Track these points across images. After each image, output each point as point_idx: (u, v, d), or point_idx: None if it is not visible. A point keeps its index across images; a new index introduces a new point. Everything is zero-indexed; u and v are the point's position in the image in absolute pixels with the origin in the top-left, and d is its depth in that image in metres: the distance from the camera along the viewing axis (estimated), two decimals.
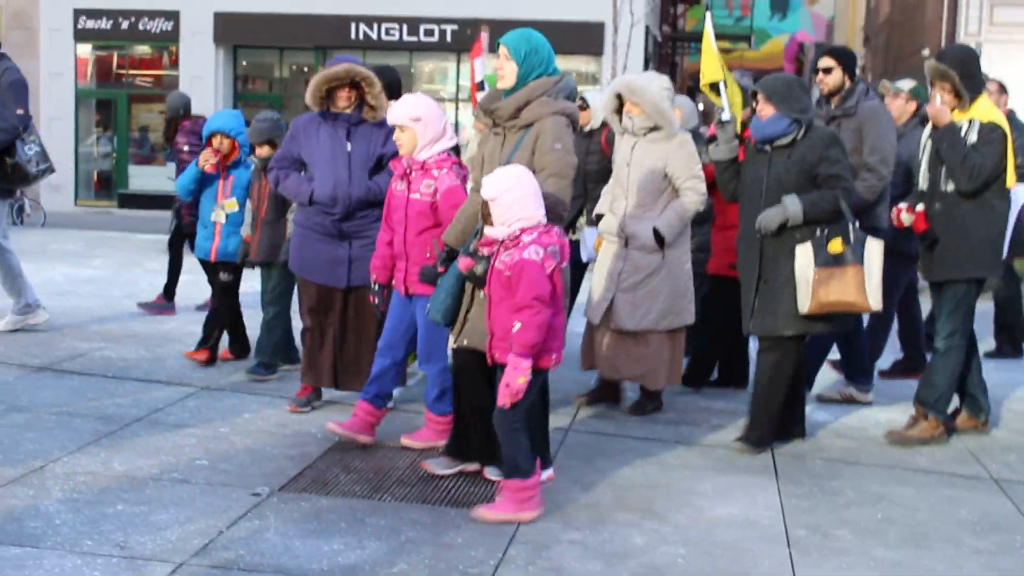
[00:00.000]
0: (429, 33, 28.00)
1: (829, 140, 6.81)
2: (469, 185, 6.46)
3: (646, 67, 27.98)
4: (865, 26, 41.83)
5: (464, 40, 25.45)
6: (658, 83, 7.61)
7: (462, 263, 5.71)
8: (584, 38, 27.10)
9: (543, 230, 5.38)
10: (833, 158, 6.73)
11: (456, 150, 6.69)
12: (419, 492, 5.89)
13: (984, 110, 6.99)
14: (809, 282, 6.64)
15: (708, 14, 8.03)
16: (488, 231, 5.43)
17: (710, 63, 7.51)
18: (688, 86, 36.06)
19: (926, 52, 27.39)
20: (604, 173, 8.07)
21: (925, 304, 8.59)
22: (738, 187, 7.07)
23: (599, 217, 7.70)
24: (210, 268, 8.65)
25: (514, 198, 5.32)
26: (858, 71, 8.18)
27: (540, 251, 5.31)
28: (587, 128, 8.47)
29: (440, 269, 6.05)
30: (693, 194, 7.32)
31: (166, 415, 7.12)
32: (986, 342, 9.54)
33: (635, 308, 7.31)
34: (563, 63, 5.85)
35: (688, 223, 7.44)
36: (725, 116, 7.15)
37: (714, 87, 7.48)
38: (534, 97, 5.82)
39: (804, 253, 6.68)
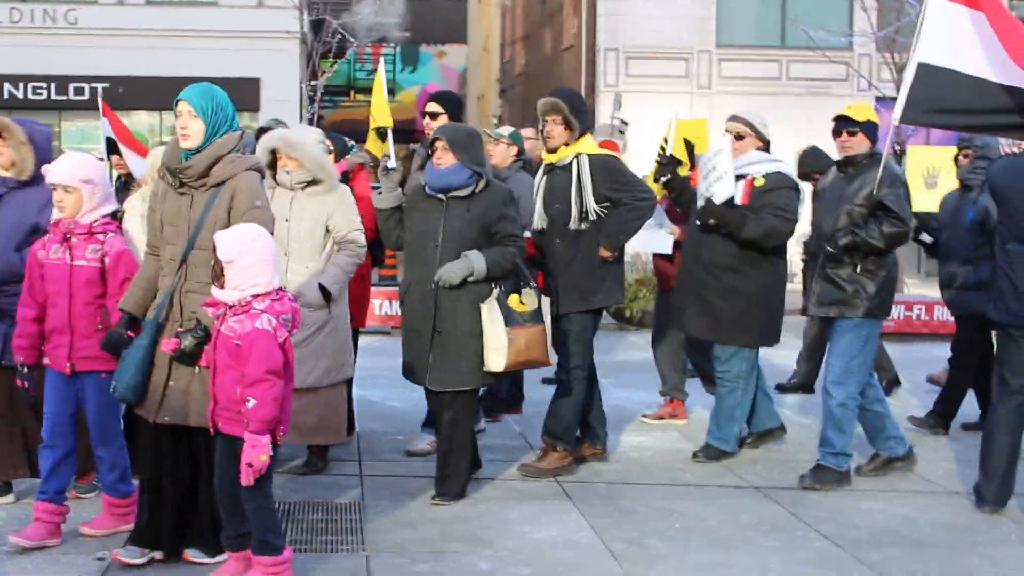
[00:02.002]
0: (79, 92, 27.36)
1: (508, 198, 6.97)
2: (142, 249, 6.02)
3: (300, 120, 28.36)
4: (500, 78, 43.53)
5: (117, 97, 25.05)
6: (314, 136, 7.68)
7: (167, 346, 5.38)
8: (240, 94, 27.18)
9: (275, 297, 5.18)
10: (511, 216, 6.91)
11: (114, 215, 6.14)
12: None
13: (590, 146, 7.54)
14: (504, 342, 6.74)
15: (382, 60, 8.46)
16: (217, 293, 5.16)
17: (380, 109, 7.68)
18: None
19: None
20: None
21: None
22: (402, 235, 7.09)
23: None
24: None
25: (251, 261, 5.10)
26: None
27: (272, 320, 5.11)
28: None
29: (129, 334, 5.65)
30: (355, 247, 7.34)
31: None
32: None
33: (301, 365, 6.86)
34: None
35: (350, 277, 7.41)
36: (391, 164, 7.24)
37: (381, 133, 7.71)
38: (223, 154, 5.52)
39: (494, 312, 6.77)
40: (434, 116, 7.97)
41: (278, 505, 6.63)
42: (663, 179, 8.31)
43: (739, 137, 7.87)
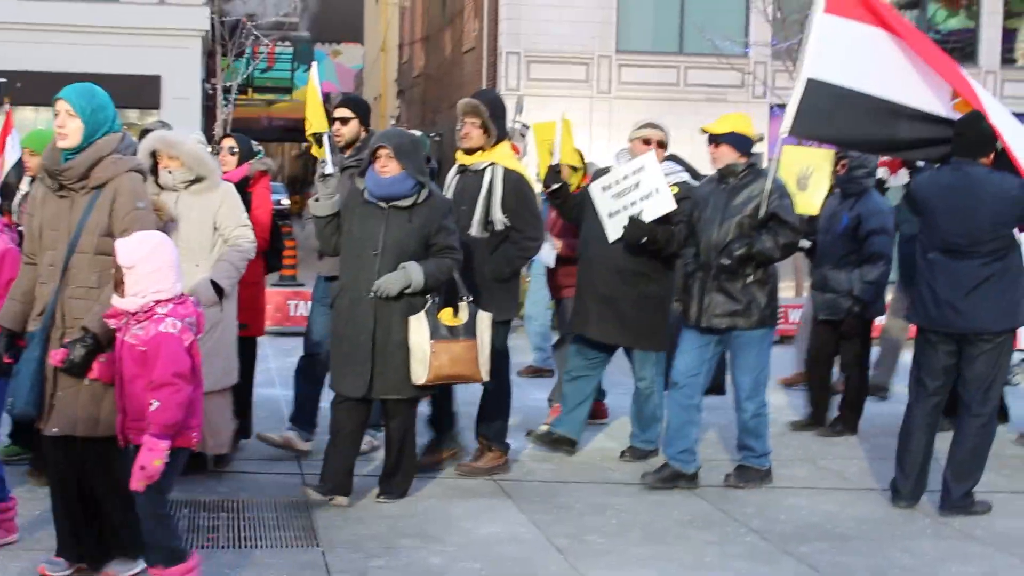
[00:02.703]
0: None
1: (447, 209, 7.00)
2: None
3: (203, 119, 28.26)
4: (399, 79, 43.64)
5: (14, 92, 24.73)
6: (194, 136, 7.63)
7: (55, 357, 5.19)
8: (141, 91, 26.96)
9: (178, 301, 5.11)
10: (450, 228, 6.93)
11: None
12: None
13: (506, 156, 7.61)
14: (427, 354, 6.76)
15: (314, 65, 7.93)
16: (117, 302, 5.06)
17: (316, 114, 7.48)
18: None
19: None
20: None
21: None
22: (340, 241, 7.07)
23: None
24: None
25: (152, 268, 5.02)
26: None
27: (177, 323, 5.03)
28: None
29: (6, 360, 5.49)
30: (244, 242, 7.28)
31: None
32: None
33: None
34: (120, 116, 5.63)
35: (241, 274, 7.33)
36: (328, 169, 7.13)
37: (317, 138, 7.48)
38: (104, 156, 5.39)
39: (420, 324, 6.79)
40: (344, 121, 7.92)
41: (225, 503, 6.88)
42: (554, 187, 8.25)
43: (661, 145, 8.02)
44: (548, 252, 9.07)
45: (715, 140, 7.53)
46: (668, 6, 29.00)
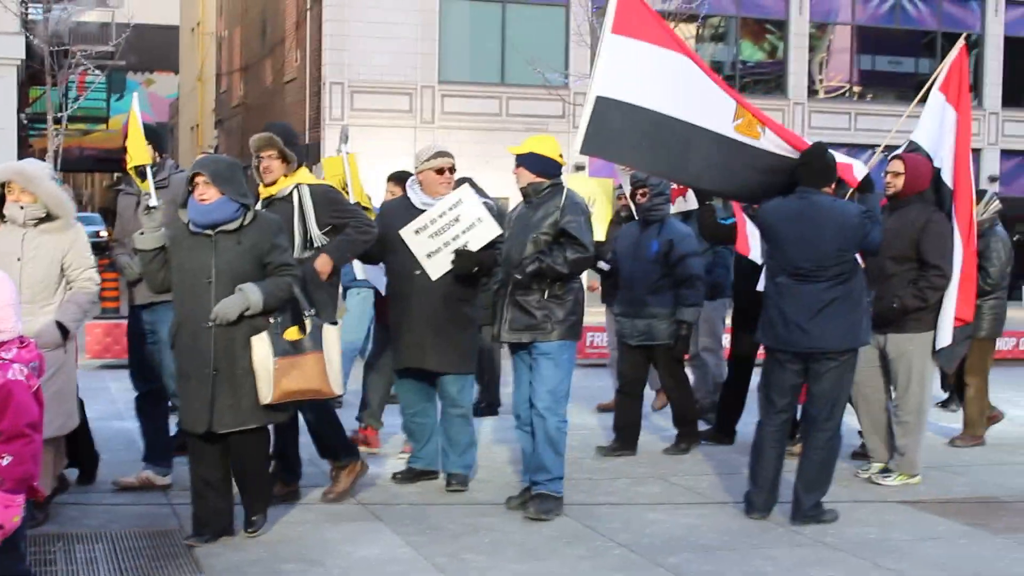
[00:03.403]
0: None
1: (277, 227, 6.91)
2: None
3: (19, 147, 27.61)
4: (216, 108, 43.23)
5: None
6: (47, 170, 7.34)
7: None
8: None
9: (21, 345, 4.88)
10: (283, 246, 6.86)
11: None
12: None
13: (307, 176, 7.68)
14: (270, 372, 6.64)
15: (135, 95, 7.62)
16: None
17: (138, 146, 7.36)
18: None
19: None
20: None
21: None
22: (168, 276, 6.87)
23: None
24: None
25: None
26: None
27: (24, 369, 4.80)
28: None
29: None
30: (92, 285, 7.20)
31: None
32: None
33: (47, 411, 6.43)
34: None
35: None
36: (152, 202, 6.93)
37: (140, 171, 7.39)
38: None
39: (261, 343, 6.67)
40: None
41: (100, 534, 6.87)
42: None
43: (452, 171, 8.19)
44: (380, 277, 8.97)
45: (518, 161, 7.74)
46: (489, 38, 29.52)
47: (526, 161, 7.71)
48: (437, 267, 7.94)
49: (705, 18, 30.08)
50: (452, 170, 8.21)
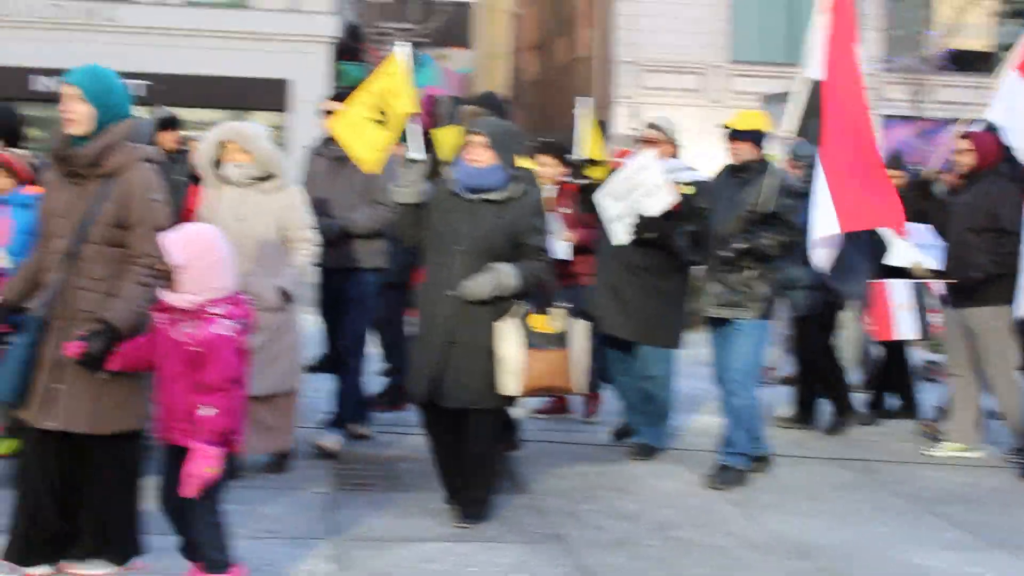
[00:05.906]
0: None
1: (539, 208, 6.59)
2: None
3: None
4: (513, 85, 44.76)
5: (159, 94, 26.01)
6: (265, 131, 7.40)
7: (71, 349, 4.87)
8: (268, 94, 28.10)
9: (232, 300, 4.87)
10: (541, 228, 6.57)
11: None
12: None
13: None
14: (521, 365, 6.36)
15: (404, 47, 7.26)
16: (168, 297, 4.82)
17: (406, 94, 7.05)
18: None
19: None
20: None
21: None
22: (419, 234, 6.62)
23: None
24: None
25: (206, 265, 4.81)
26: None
27: (231, 325, 4.81)
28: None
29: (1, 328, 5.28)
30: (309, 246, 7.22)
31: None
32: None
33: (260, 371, 6.55)
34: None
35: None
36: (415, 155, 6.65)
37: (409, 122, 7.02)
38: (115, 143, 5.07)
39: (513, 332, 6.38)
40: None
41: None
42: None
43: (666, 144, 8.10)
44: (560, 245, 8.74)
45: (743, 136, 7.67)
46: (776, 16, 29.60)
47: (753, 137, 7.66)
48: (619, 232, 7.87)
49: None
50: (667, 143, 8.09)
